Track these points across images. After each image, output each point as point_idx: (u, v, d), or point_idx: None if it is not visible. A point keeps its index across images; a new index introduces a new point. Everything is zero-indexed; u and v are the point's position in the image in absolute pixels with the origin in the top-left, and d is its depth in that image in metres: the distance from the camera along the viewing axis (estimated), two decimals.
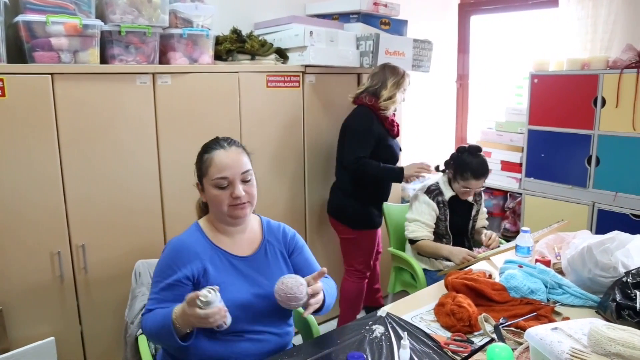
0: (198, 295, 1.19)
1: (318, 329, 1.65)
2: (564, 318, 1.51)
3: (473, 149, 2.32)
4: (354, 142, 2.41)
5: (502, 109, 3.35)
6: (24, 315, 1.90)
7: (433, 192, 2.35)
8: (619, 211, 2.65)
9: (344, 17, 2.83)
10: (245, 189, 1.43)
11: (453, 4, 3.78)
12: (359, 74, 2.86)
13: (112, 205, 2.05)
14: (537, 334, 1.22)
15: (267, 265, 1.47)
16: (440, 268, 2.32)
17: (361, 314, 2.87)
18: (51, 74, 1.85)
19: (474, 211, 2.43)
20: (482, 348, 1.25)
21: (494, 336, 1.35)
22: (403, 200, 3.23)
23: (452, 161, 2.33)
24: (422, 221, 2.32)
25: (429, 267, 2.36)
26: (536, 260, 1.85)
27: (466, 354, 1.27)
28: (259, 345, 1.41)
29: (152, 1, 2.09)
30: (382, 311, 1.58)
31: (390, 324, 1.50)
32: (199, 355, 1.36)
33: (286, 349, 1.46)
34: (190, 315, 1.22)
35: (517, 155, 3.16)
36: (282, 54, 2.59)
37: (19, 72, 1.79)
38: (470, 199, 2.38)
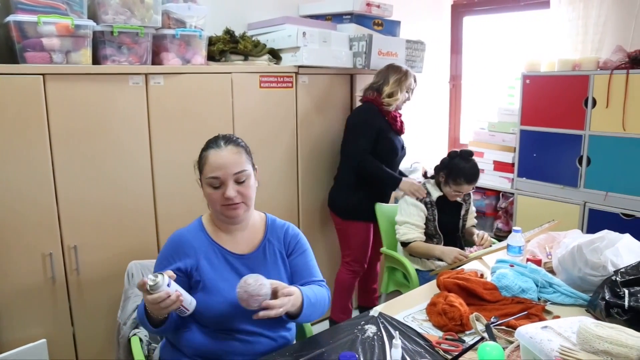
0: (146, 282, 1.21)
1: (311, 328, 1.66)
2: (554, 317, 1.52)
3: (465, 153, 2.34)
4: (356, 134, 2.53)
5: (494, 110, 3.37)
6: (15, 317, 1.89)
7: None
8: (609, 211, 2.67)
9: (337, 17, 2.84)
10: (239, 189, 1.40)
11: (446, 4, 3.80)
12: (351, 75, 2.87)
13: (104, 207, 2.04)
14: (527, 332, 1.23)
15: (264, 265, 1.46)
16: (433, 268, 2.33)
17: (354, 312, 2.88)
18: (43, 74, 1.84)
19: (463, 210, 2.46)
20: (472, 347, 1.26)
21: (484, 335, 1.36)
22: (396, 201, 3.24)
23: (444, 166, 2.35)
24: (412, 223, 2.34)
25: (421, 267, 2.38)
26: (527, 260, 1.87)
27: (457, 353, 1.27)
28: (249, 346, 1.40)
29: (144, 2, 2.09)
30: (374, 311, 1.59)
31: (382, 323, 1.51)
32: (190, 348, 1.40)
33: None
34: (145, 301, 1.24)
35: (509, 155, 3.18)
36: (275, 55, 2.59)
37: (10, 72, 1.78)
38: (459, 198, 2.40)
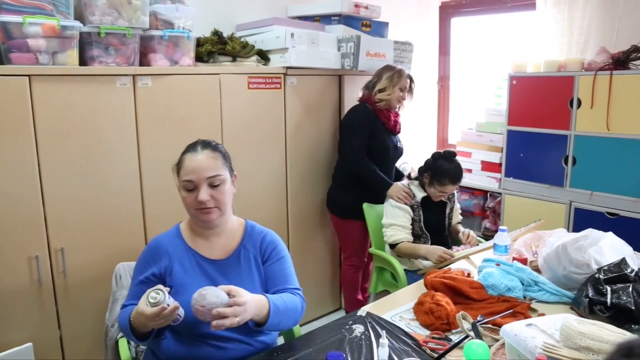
0: (147, 296, 1.23)
1: (299, 329, 1.66)
2: (539, 314, 1.55)
3: (448, 154, 2.36)
4: (349, 135, 2.60)
5: (482, 110, 3.40)
6: (0, 321, 1.87)
7: None
8: (594, 210, 2.71)
9: (325, 19, 2.85)
10: (212, 194, 1.40)
11: (434, 6, 3.83)
12: (340, 76, 2.88)
13: (92, 208, 2.03)
14: (512, 330, 1.25)
15: (237, 270, 1.45)
16: (420, 267, 2.35)
17: (341, 313, 2.91)
18: (28, 75, 1.82)
19: (447, 209, 2.48)
20: (457, 345, 1.28)
21: (470, 333, 1.38)
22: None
23: (428, 167, 2.37)
24: (398, 224, 2.36)
25: (409, 267, 2.39)
26: (513, 259, 1.89)
27: (442, 352, 1.29)
28: (224, 352, 1.39)
29: (132, 2, 2.08)
30: (362, 311, 1.60)
31: (370, 323, 1.52)
32: (166, 354, 1.40)
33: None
34: (140, 314, 1.24)
35: (496, 155, 3.22)
36: (263, 56, 2.60)
37: None
38: (443, 198, 2.42)
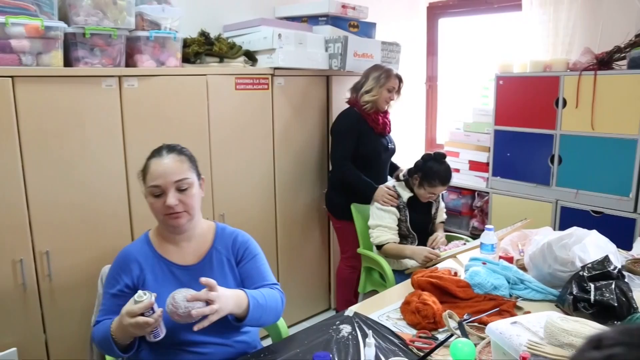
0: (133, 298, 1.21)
1: (287, 330, 1.66)
2: (525, 312, 1.56)
3: (438, 156, 2.37)
4: (336, 142, 2.64)
5: (469, 110, 3.43)
6: None
7: None
8: (580, 208, 2.74)
9: (312, 19, 2.86)
10: (180, 198, 1.38)
11: (421, 6, 3.84)
12: (327, 76, 2.88)
13: (77, 211, 2.01)
14: (497, 328, 1.26)
15: (210, 274, 1.41)
16: (408, 267, 2.36)
17: (331, 313, 2.90)
18: (12, 76, 1.80)
19: (434, 209, 2.50)
20: (442, 343, 1.28)
21: (456, 332, 1.39)
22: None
23: (418, 169, 2.37)
24: (384, 225, 2.36)
25: (396, 267, 2.40)
26: (500, 257, 1.91)
27: (428, 350, 1.29)
28: (203, 357, 1.38)
29: (117, 3, 2.06)
30: (349, 311, 1.60)
31: (357, 323, 1.52)
32: None
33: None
34: (125, 315, 1.21)
35: (484, 155, 3.24)
36: (250, 57, 2.59)
37: None
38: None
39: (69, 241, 2.00)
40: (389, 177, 2.78)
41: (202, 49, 2.40)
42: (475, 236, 3.18)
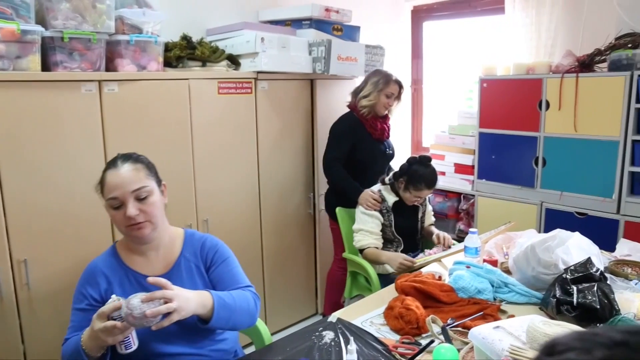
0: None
1: (270, 337, 1.63)
2: (509, 316, 1.55)
3: (424, 159, 2.36)
4: (331, 143, 2.66)
5: (454, 113, 3.44)
6: None
7: None
8: (564, 210, 2.75)
9: (296, 23, 2.84)
10: (141, 207, 1.33)
11: (406, 10, 3.86)
12: (311, 80, 2.87)
13: (56, 218, 1.97)
14: (480, 333, 1.25)
15: (180, 282, 1.36)
16: (392, 271, 2.34)
17: (317, 318, 2.88)
18: None
19: (420, 212, 2.49)
20: (424, 349, 1.27)
21: (439, 337, 1.38)
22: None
23: (404, 172, 2.36)
24: (366, 229, 2.35)
25: (381, 271, 2.39)
26: (484, 261, 1.90)
27: (410, 356, 1.28)
28: None
29: (96, 7, 2.03)
30: (332, 317, 1.58)
31: (340, 329, 1.50)
32: None
33: None
34: (95, 319, 1.17)
35: (469, 157, 3.25)
36: (233, 61, 2.57)
37: None
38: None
39: (48, 249, 1.96)
40: None
41: (184, 53, 2.37)
42: (461, 239, 3.18)
